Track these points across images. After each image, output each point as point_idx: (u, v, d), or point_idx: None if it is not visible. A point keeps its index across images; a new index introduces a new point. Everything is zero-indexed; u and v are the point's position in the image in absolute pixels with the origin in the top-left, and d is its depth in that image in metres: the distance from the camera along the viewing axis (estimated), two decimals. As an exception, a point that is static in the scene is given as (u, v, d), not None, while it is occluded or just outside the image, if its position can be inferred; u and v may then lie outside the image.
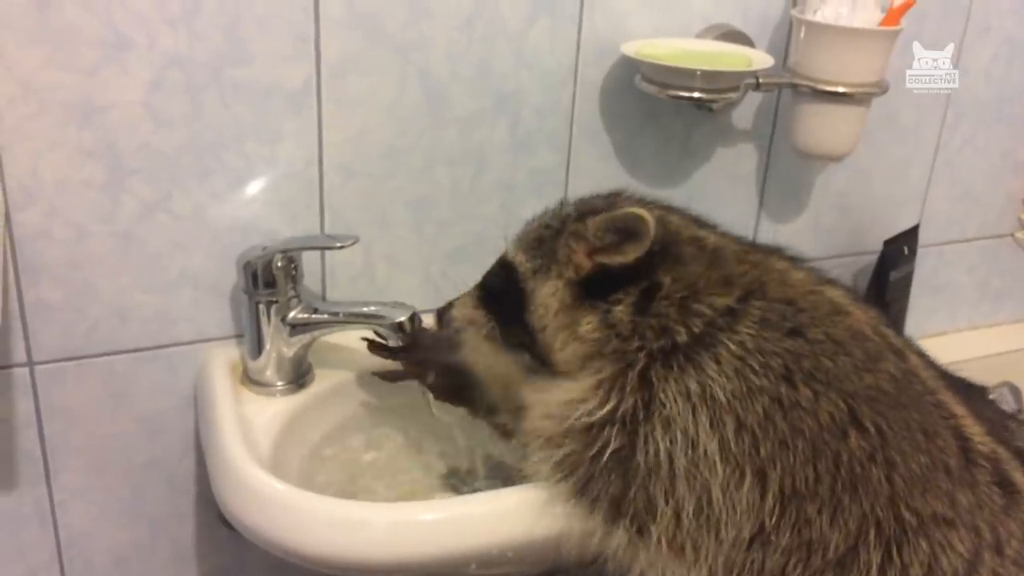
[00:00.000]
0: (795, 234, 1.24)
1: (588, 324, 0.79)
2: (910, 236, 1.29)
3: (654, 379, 0.75)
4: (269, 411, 0.94)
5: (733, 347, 0.75)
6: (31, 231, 0.90)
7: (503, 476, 0.98)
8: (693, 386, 0.74)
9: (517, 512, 0.81)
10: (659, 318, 0.77)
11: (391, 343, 0.95)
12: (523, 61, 1.01)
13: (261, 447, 0.89)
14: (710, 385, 0.73)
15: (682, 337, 0.75)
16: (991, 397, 1.07)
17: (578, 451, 0.77)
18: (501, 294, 0.85)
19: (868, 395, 0.74)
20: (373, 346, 0.96)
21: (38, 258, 0.91)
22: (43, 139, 0.87)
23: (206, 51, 0.89)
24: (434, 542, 0.79)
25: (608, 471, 0.75)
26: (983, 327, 1.47)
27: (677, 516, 0.73)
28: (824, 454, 0.72)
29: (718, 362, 0.74)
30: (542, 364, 0.83)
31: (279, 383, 0.97)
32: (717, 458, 0.72)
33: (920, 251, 1.31)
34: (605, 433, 0.75)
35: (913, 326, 1.34)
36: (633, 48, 1.01)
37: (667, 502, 0.73)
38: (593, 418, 0.76)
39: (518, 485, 0.83)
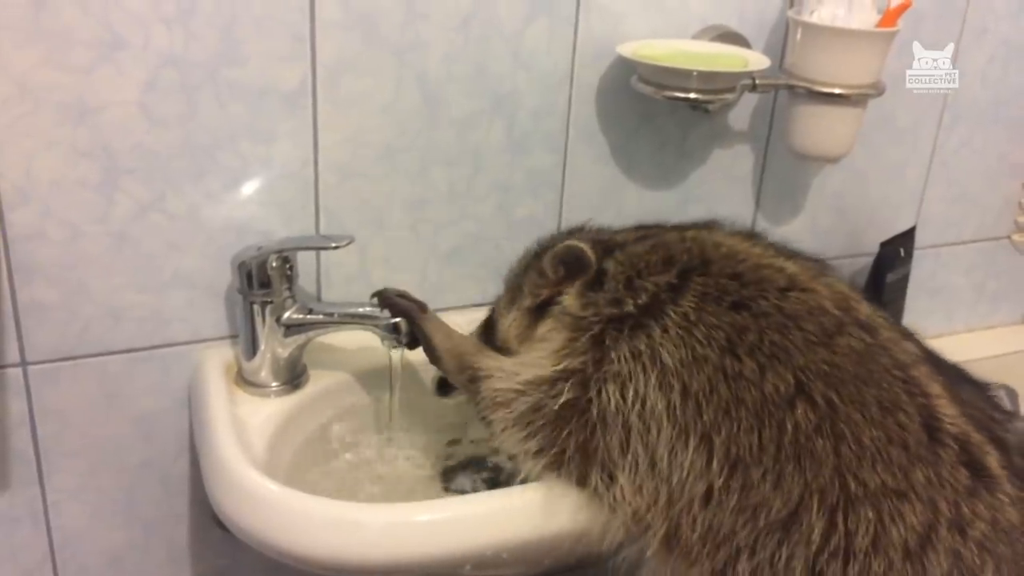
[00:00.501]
0: (791, 235, 1.23)
1: (545, 326, 0.86)
2: (907, 238, 1.28)
3: (606, 340, 0.80)
4: (264, 412, 0.94)
5: (677, 318, 0.79)
6: (25, 231, 0.89)
7: (495, 476, 0.98)
8: (642, 347, 0.79)
9: (512, 513, 0.81)
10: (608, 293, 0.83)
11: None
12: (519, 62, 1.01)
13: (255, 448, 0.89)
14: (658, 348, 0.78)
15: (630, 307, 0.81)
16: (992, 392, 1.07)
17: (533, 406, 0.81)
18: (491, 332, 0.94)
19: (820, 369, 0.76)
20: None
21: (32, 258, 0.91)
22: (38, 139, 0.87)
23: (201, 51, 0.89)
24: (429, 543, 0.79)
25: (566, 422, 0.80)
26: (979, 329, 1.47)
27: (635, 467, 0.77)
28: (768, 424, 0.75)
29: (665, 330, 0.79)
30: None
31: (274, 384, 0.96)
32: (664, 418, 0.77)
33: (917, 253, 1.31)
34: (557, 387, 0.80)
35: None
36: (629, 49, 1.01)
37: (624, 454, 0.78)
38: (545, 372, 0.81)
39: (510, 486, 0.83)
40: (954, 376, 0.85)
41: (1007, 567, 0.75)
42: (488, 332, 0.95)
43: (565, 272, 0.86)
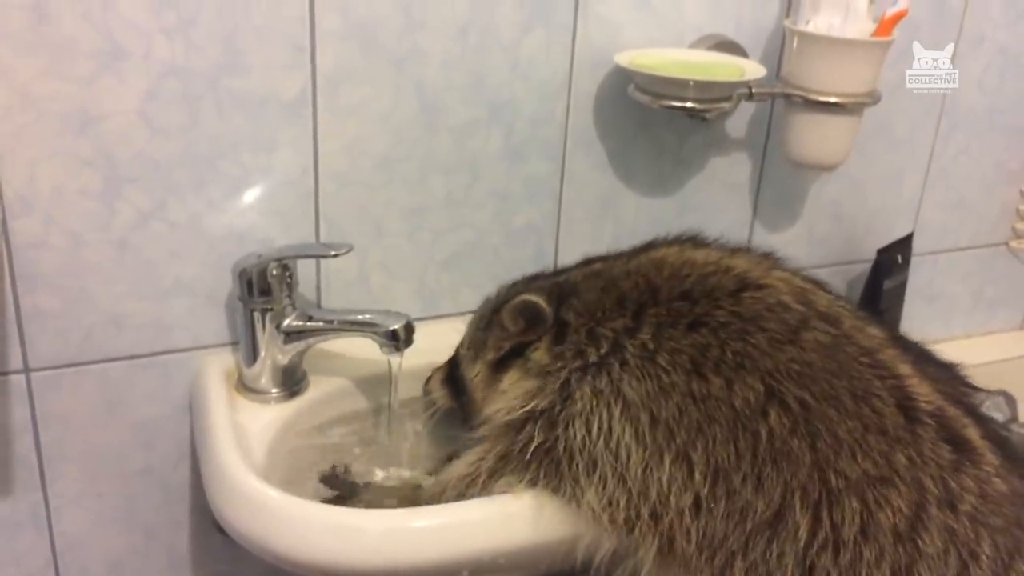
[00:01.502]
0: (789, 243, 1.24)
1: (510, 379, 0.88)
2: (904, 245, 1.29)
3: (572, 383, 0.83)
4: (264, 418, 0.95)
5: (636, 351, 0.81)
6: (28, 239, 0.90)
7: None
8: (603, 385, 0.81)
9: (509, 519, 0.82)
10: (573, 345, 0.85)
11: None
12: (517, 71, 1.02)
13: (255, 454, 0.89)
14: (619, 384, 0.80)
15: (594, 356, 0.83)
16: (985, 404, 1.07)
17: (505, 446, 0.84)
18: (456, 372, 0.97)
19: (788, 369, 0.78)
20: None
21: (34, 266, 0.91)
22: (40, 148, 0.88)
23: (202, 61, 0.90)
24: (427, 549, 0.79)
25: (536, 459, 0.82)
26: (977, 336, 1.48)
27: (603, 485, 0.79)
28: (742, 435, 0.76)
29: (624, 364, 0.81)
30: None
31: (274, 390, 0.97)
32: (633, 444, 0.78)
33: (914, 260, 1.31)
34: (527, 429, 0.83)
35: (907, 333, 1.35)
36: (626, 58, 1.01)
37: (590, 475, 0.79)
38: (514, 416, 0.84)
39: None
40: (919, 355, 0.86)
41: (1001, 537, 0.76)
42: (453, 377, 0.97)
43: (525, 325, 0.88)
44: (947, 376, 0.85)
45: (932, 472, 0.76)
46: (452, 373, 0.97)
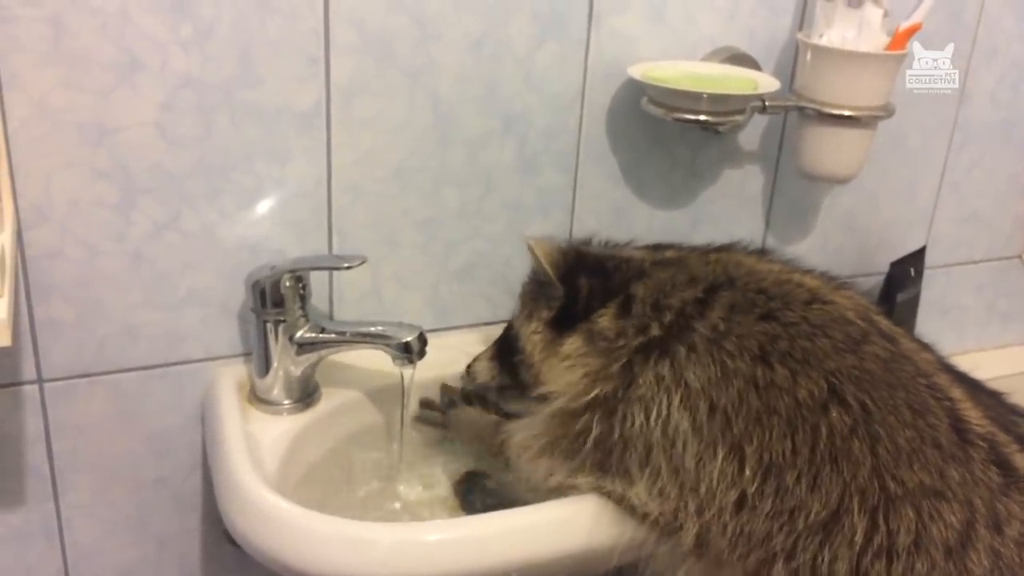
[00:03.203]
0: (802, 255, 1.23)
1: (572, 344, 0.87)
2: (917, 258, 1.29)
3: (634, 369, 0.82)
4: (276, 429, 0.95)
5: (706, 331, 0.81)
6: (43, 250, 0.91)
7: (505, 496, 0.98)
8: (666, 372, 0.80)
9: (523, 532, 0.81)
10: (637, 318, 0.85)
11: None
12: (531, 83, 1.02)
13: (268, 465, 0.89)
14: (682, 371, 0.80)
15: (655, 331, 0.83)
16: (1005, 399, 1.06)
17: (560, 432, 0.84)
18: (507, 348, 0.96)
19: (851, 374, 0.78)
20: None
21: (49, 276, 0.92)
22: (56, 159, 0.88)
23: (218, 73, 0.90)
24: (439, 562, 0.79)
25: (589, 449, 0.82)
26: (991, 349, 1.47)
27: (656, 477, 0.79)
28: (802, 428, 0.76)
29: (692, 350, 0.80)
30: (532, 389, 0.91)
31: (286, 402, 0.97)
32: (689, 434, 0.78)
33: (927, 273, 1.31)
34: (585, 417, 0.82)
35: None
36: (640, 71, 1.01)
37: (643, 467, 0.79)
38: (576, 403, 0.83)
39: (521, 506, 0.83)
40: (971, 385, 0.86)
41: None
42: (505, 349, 0.96)
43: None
44: (996, 403, 0.85)
45: (982, 493, 0.75)
46: (503, 348, 0.97)
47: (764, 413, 0.76)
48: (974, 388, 0.85)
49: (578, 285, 0.90)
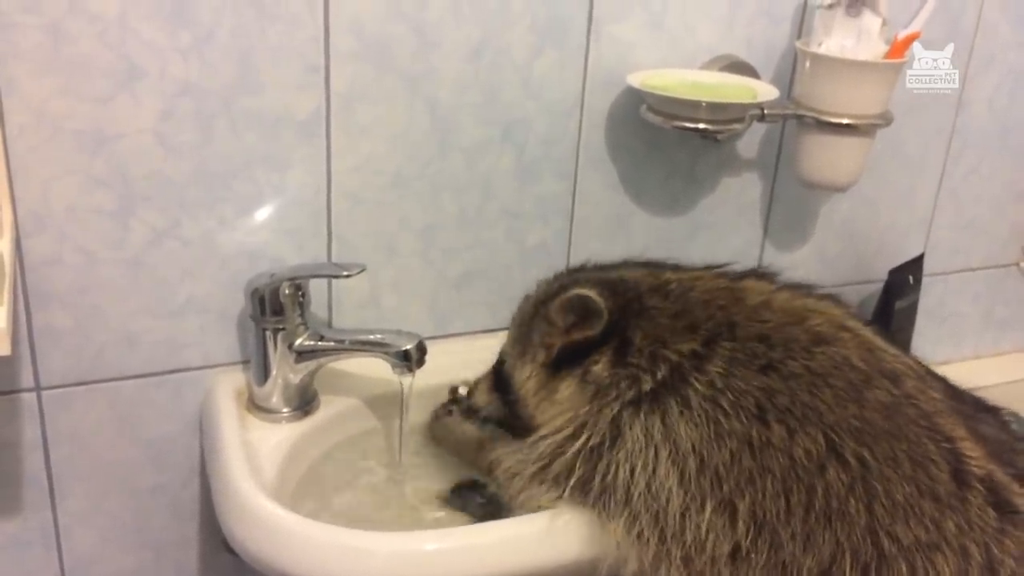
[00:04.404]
0: (800, 263, 1.24)
1: (567, 389, 0.85)
2: (915, 265, 1.29)
3: (623, 422, 0.80)
4: (274, 437, 0.94)
5: (702, 388, 0.78)
6: (41, 257, 0.90)
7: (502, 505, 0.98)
8: (656, 429, 0.78)
9: (520, 542, 0.81)
10: (631, 368, 0.82)
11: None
12: (530, 91, 1.02)
13: (266, 473, 0.89)
14: (674, 429, 0.78)
15: (648, 384, 0.80)
16: (1006, 419, 1.07)
17: (544, 467, 0.83)
18: (502, 380, 0.94)
19: (851, 426, 0.76)
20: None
21: (47, 284, 0.92)
22: (55, 167, 0.88)
23: (217, 80, 0.90)
24: (436, 571, 0.79)
25: (571, 486, 0.81)
26: (987, 356, 1.47)
27: (633, 520, 0.77)
28: (797, 488, 0.74)
29: (686, 406, 0.78)
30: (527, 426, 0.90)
31: (285, 409, 0.97)
32: (675, 488, 0.76)
33: (925, 280, 1.31)
34: (568, 458, 0.81)
35: (918, 355, 1.34)
36: (639, 79, 1.02)
37: (620, 512, 0.78)
38: (563, 448, 0.82)
39: (517, 516, 0.83)
40: (972, 406, 0.86)
41: None
42: (499, 383, 0.94)
43: (576, 320, 0.85)
44: (999, 431, 0.85)
45: (976, 538, 0.75)
46: (499, 379, 0.95)
47: (758, 473, 0.75)
48: (976, 411, 0.84)
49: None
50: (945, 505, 0.75)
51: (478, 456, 0.97)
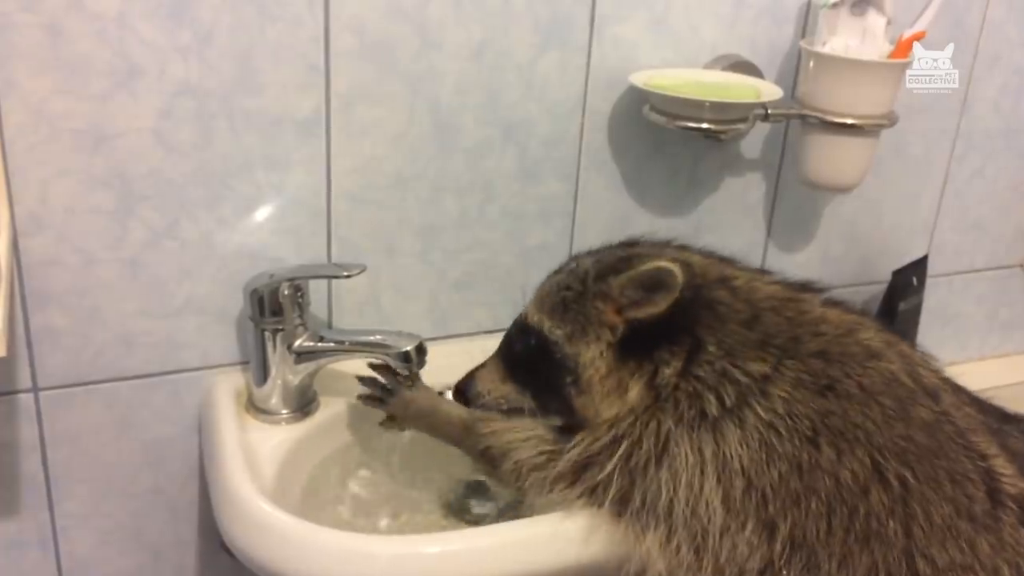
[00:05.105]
0: (803, 264, 1.24)
1: (634, 389, 0.80)
2: (919, 266, 1.28)
3: (672, 440, 0.77)
4: (274, 439, 0.94)
5: (762, 413, 0.76)
6: (39, 257, 0.90)
7: (506, 508, 0.98)
8: (709, 450, 0.76)
9: (521, 545, 0.81)
10: (698, 383, 0.78)
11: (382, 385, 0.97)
12: (532, 91, 1.02)
13: (265, 475, 0.89)
14: (726, 453, 0.75)
15: (713, 409, 0.77)
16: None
17: (581, 471, 0.80)
18: (531, 363, 0.85)
19: (896, 447, 0.75)
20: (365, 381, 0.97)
21: (45, 284, 0.91)
22: (53, 166, 0.87)
23: (217, 80, 0.89)
24: (437, 574, 0.78)
25: (608, 498, 0.78)
26: (992, 358, 1.46)
27: (670, 534, 0.76)
28: (840, 511, 0.74)
29: (743, 428, 0.76)
30: (572, 425, 0.84)
31: (284, 411, 0.96)
32: (718, 507, 0.75)
33: (929, 281, 1.30)
34: (608, 469, 0.78)
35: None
36: (642, 79, 1.01)
37: (657, 527, 0.76)
38: (601, 460, 0.79)
39: (521, 519, 0.83)
40: (996, 417, 0.86)
41: None
42: (525, 366, 0.86)
43: (643, 295, 0.79)
44: (1020, 433, 0.85)
45: (1009, 558, 0.75)
46: (512, 366, 0.87)
47: (804, 495, 0.74)
48: (1000, 421, 0.84)
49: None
50: (980, 525, 0.75)
51: (465, 437, 0.91)
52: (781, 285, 0.86)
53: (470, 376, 0.90)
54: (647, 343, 0.80)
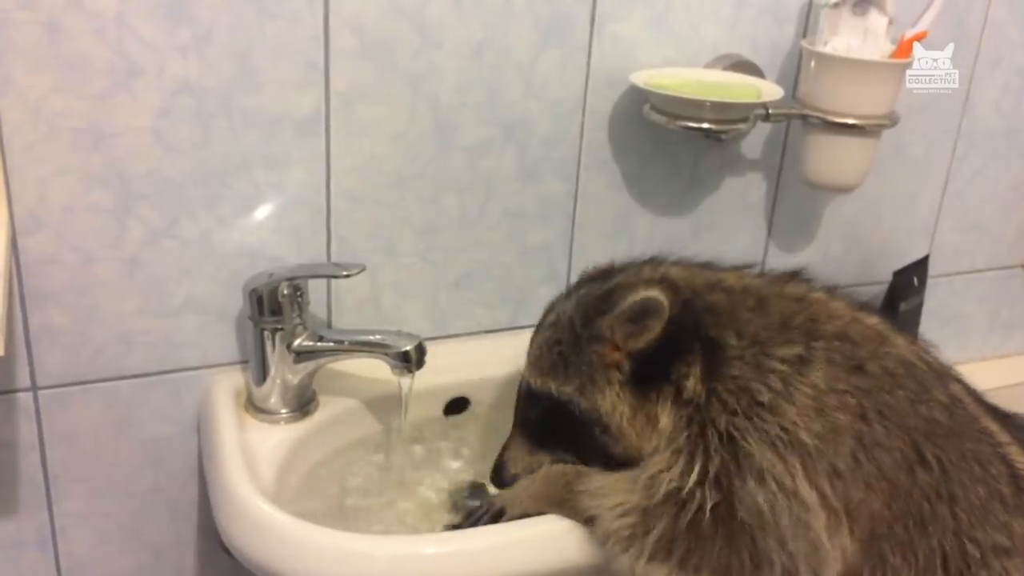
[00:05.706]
0: (804, 264, 1.21)
1: (664, 413, 0.77)
2: (920, 267, 1.28)
3: (735, 433, 0.73)
4: (273, 439, 0.94)
5: (808, 390, 0.74)
6: (38, 256, 0.90)
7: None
8: (776, 432, 0.72)
9: (520, 546, 0.80)
10: (736, 379, 0.75)
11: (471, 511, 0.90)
12: (532, 90, 1.01)
13: (264, 475, 0.88)
14: (794, 429, 0.72)
15: (764, 396, 0.74)
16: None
17: (671, 522, 0.74)
18: (555, 427, 0.83)
19: (926, 428, 0.75)
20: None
21: (44, 283, 0.91)
22: (52, 165, 0.87)
23: (216, 79, 0.89)
24: (436, 575, 0.78)
25: (710, 536, 0.73)
26: (993, 358, 1.46)
27: (793, 560, 0.72)
28: (897, 492, 0.73)
29: (796, 405, 0.73)
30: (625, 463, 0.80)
31: (283, 410, 0.96)
32: (818, 506, 0.72)
33: (930, 282, 1.30)
34: (697, 497, 0.73)
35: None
36: (642, 78, 1.01)
37: (778, 556, 0.72)
38: (683, 483, 0.74)
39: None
40: (997, 414, 0.85)
41: None
42: (556, 417, 0.83)
43: (636, 327, 0.77)
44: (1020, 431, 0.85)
45: None
46: (534, 437, 0.85)
47: (874, 475, 0.72)
48: (1003, 420, 0.83)
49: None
50: (1011, 507, 0.75)
51: (567, 498, 0.82)
52: (770, 277, 0.86)
53: (500, 462, 0.88)
54: (660, 367, 0.78)
